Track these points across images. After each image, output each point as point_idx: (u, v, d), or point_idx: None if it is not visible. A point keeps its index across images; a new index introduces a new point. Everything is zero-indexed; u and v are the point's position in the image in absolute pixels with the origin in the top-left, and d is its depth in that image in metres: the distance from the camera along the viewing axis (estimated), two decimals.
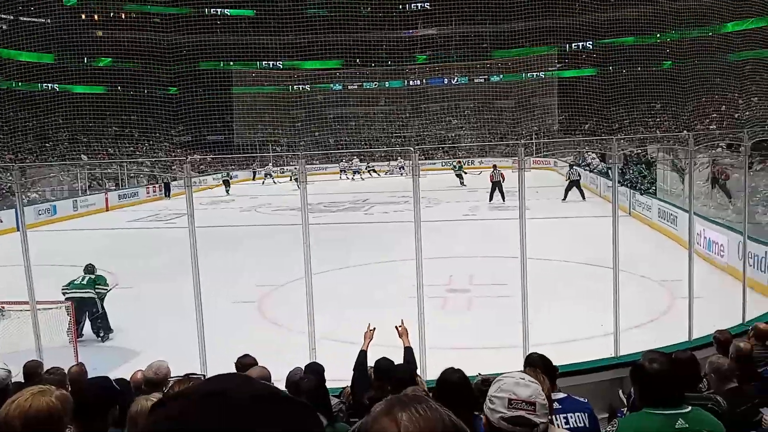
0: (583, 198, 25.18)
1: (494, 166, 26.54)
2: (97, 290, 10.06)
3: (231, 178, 38.58)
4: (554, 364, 3.89)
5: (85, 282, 10.06)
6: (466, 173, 35.37)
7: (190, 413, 0.71)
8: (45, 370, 5.18)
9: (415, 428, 0.88)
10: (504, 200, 24.48)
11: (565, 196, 25.44)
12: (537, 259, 10.22)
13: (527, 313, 6.65)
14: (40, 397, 2.37)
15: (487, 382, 3.82)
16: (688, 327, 7.30)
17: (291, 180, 34.90)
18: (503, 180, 25.16)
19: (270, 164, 42.49)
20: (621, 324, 6.98)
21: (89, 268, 10.47)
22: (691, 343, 6.82)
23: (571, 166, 27.73)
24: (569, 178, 26.48)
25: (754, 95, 37.14)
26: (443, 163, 44.56)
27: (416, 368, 5.31)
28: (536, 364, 3.73)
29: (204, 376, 5.45)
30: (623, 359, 6.57)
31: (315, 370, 4.88)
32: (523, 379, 2.01)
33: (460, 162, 38.38)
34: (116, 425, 3.08)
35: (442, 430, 0.89)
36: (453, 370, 3.53)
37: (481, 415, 3.53)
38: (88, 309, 9.92)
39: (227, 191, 35.94)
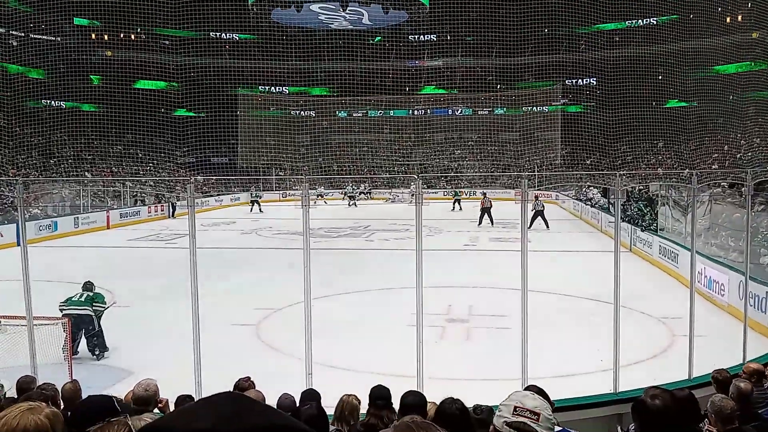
0: (547, 227, 26.27)
1: (484, 194, 29.90)
2: (94, 308, 10.01)
3: (260, 197, 39.66)
4: (552, 398, 3.85)
5: (82, 299, 10.02)
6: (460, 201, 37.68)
7: None
8: (38, 385, 5.14)
9: None
10: (492, 224, 27.45)
11: (531, 225, 25.97)
12: (537, 292, 10.19)
13: (527, 345, 6.60)
14: (29, 415, 2.33)
15: (478, 409, 3.78)
16: (688, 365, 7.24)
17: (344, 198, 40.12)
18: (491, 207, 28.09)
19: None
20: (621, 360, 6.92)
21: (88, 286, 10.43)
22: (691, 382, 6.76)
23: (536, 198, 28.68)
24: (534, 208, 27.41)
25: (756, 136, 37.33)
26: (444, 193, 44.77)
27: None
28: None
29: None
30: (622, 395, 6.50)
31: (314, 397, 4.82)
32: (533, 394, 2.05)
33: (458, 191, 40.46)
34: None
35: None
36: (452, 400, 3.50)
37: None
38: (84, 326, 9.85)
39: (258, 209, 37.71)
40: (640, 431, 2.76)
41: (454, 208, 36.24)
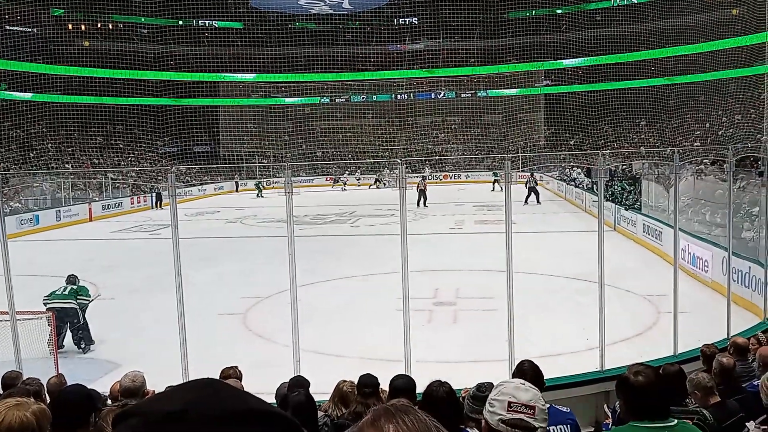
0: (538, 202, 28.88)
1: (423, 177, 32.75)
2: (78, 301, 9.93)
3: (263, 183, 40.18)
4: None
5: (66, 292, 9.93)
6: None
7: None
8: (23, 380, 5.10)
9: None
10: (426, 206, 29.23)
11: (526, 201, 28.50)
12: (523, 273, 10.24)
13: (513, 326, 6.64)
14: (14, 411, 2.31)
15: (482, 387, 3.77)
16: (673, 342, 7.32)
17: (375, 183, 40.09)
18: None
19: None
20: (606, 338, 6.98)
21: (71, 279, 10.34)
22: (677, 358, 6.83)
23: (531, 174, 31.19)
24: (527, 184, 29.82)
25: (737, 113, 37.59)
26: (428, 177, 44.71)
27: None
28: (526, 372, 3.71)
29: None
30: (609, 373, 6.57)
31: (302, 384, 4.81)
32: (524, 384, 2.02)
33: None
34: None
35: None
36: (440, 383, 3.50)
37: (473, 423, 3.51)
38: (69, 320, 9.77)
39: (259, 195, 38.22)
40: (624, 407, 2.77)
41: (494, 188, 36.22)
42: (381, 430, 0.86)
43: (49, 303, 9.66)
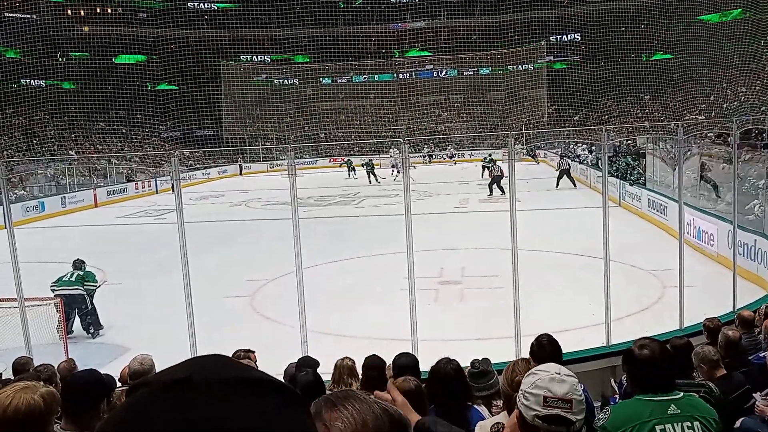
0: (574, 185, 26.18)
1: (369, 160, 33.65)
2: (85, 287, 9.99)
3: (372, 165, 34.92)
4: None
5: (73, 278, 9.98)
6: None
7: (150, 405, 0.63)
8: (34, 366, 5.14)
9: (345, 426, 0.85)
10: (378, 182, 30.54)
11: (557, 184, 26.46)
12: (528, 251, 10.24)
13: (519, 303, 6.66)
14: (22, 394, 2.32)
15: (476, 363, 3.78)
16: (679, 316, 7.33)
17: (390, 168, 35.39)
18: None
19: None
20: (612, 313, 7.00)
21: (77, 264, 10.38)
22: (683, 332, 6.85)
23: (561, 156, 28.82)
24: (560, 167, 27.54)
25: (741, 85, 37.29)
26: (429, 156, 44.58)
27: None
28: (545, 347, 3.70)
29: None
30: (615, 348, 6.59)
31: (309, 364, 4.84)
32: (559, 374, 1.90)
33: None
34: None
35: (373, 421, 0.86)
36: (447, 360, 3.51)
37: (479, 401, 3.54)
38: (77, 306, 9.84)
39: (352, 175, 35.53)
40: (630, 381, 2.79)
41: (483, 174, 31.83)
42: (324, 421, 0.87)
43: (56, 290, 9.72)
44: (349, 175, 35.77)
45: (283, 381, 0.69)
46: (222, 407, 0.62)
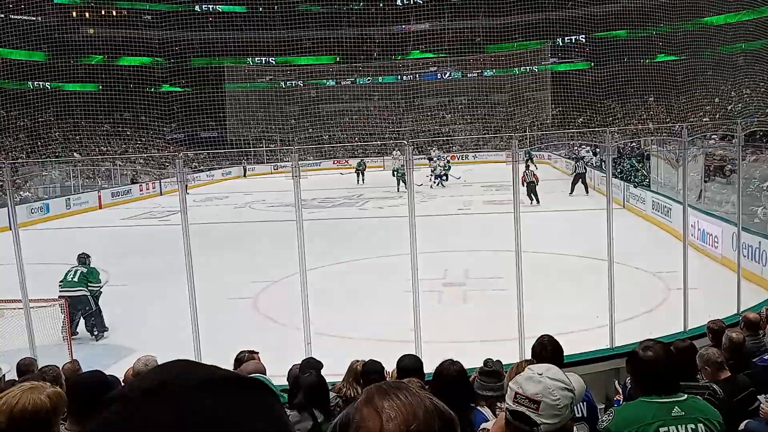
0: (587, 192, 24.37)
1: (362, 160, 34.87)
2: (89, 288, 9.99)
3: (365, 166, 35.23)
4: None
5: (76, 279, 9.96)
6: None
7: (129, 417, 0.63)
8: (39, 368, 5.15)
9: (396, 414, 0.87)
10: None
11: (572, 190, 24.81)
12: (532, 252, 10.24)
13: (523, 305, 6.65)
14: (29, 394, 2.33)
15: (489, 362, 3.77)
16: (683, 318, 7.31)
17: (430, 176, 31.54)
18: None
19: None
20: (616, 315, 6.98)
21: (81, 259, 10.36)
22: (687, 334, 6.83)
23: (576, 160, 27.17)
24: (575, 170, 25.68)
25: (746, 87, 37.21)
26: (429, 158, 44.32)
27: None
28: (546, 347, 3.71)
29: None
30: (619, 350, 6.58)
31: (313, 366, 4.84)
32: (540, 374, 1.92)
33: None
34: None
35: (424, 414, 0.88)
36: (451, 362, 3.52)
37: (483, 402, 3.53)
38: (81, 307, 9.85)
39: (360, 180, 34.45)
40: (634, 383, 2.78)
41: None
42: (376, 407, 0.88)
43: (61, 291, 9.73)
44: (359, 180, 34.51)
45: (255, 377, 0.71)
46: (198, 409, 0.63)
